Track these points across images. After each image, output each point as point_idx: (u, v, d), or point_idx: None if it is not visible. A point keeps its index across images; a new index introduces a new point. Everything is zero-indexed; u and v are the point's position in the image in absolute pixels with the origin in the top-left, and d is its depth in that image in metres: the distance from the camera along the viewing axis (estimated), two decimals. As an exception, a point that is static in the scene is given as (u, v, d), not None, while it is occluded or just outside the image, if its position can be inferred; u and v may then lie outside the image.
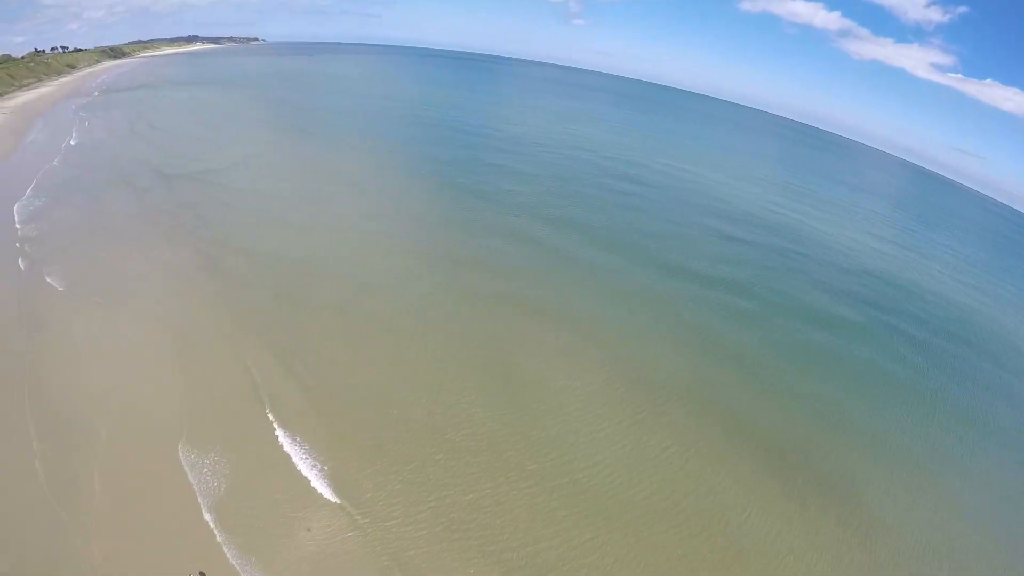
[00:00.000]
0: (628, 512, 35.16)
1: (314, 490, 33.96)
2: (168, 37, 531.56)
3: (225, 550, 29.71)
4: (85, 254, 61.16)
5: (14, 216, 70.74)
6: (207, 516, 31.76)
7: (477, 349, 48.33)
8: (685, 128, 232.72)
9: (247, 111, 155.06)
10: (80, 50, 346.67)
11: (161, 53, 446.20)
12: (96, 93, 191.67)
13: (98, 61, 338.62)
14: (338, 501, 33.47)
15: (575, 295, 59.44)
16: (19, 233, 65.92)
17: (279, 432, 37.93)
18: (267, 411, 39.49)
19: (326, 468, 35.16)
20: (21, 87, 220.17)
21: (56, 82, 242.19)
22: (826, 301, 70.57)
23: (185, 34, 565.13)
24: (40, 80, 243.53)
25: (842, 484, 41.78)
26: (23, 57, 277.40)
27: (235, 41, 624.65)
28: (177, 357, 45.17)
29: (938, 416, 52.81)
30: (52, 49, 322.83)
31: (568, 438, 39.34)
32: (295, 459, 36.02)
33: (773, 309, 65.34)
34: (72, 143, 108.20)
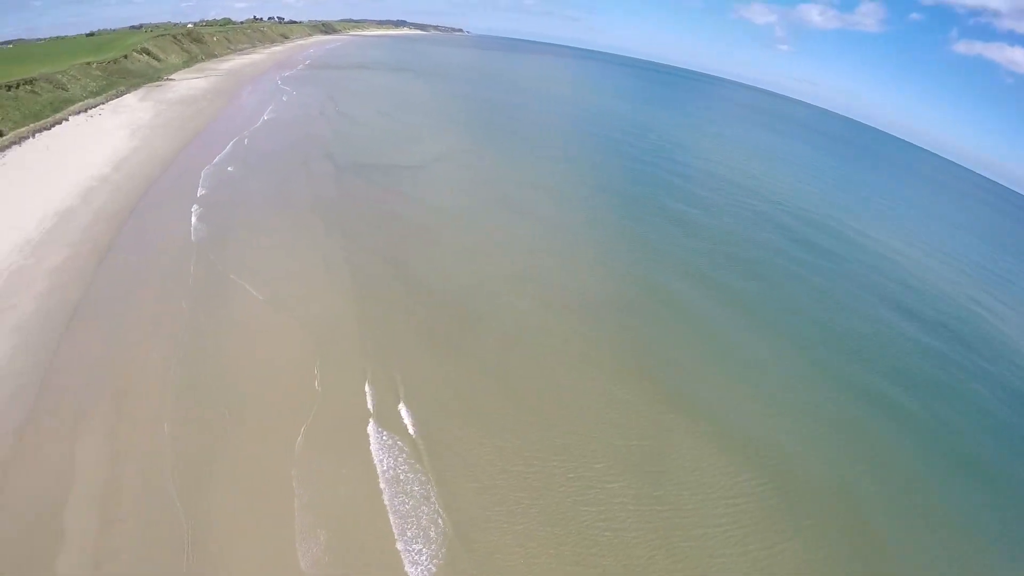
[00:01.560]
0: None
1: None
2: (377, 19, 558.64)
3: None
4: (244, 236, 56.89)
5: (199, 180, 71.12)
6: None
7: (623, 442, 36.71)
8: (882, 183, 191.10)
9: (440, 105, 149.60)
10: (295, 22, 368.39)
11: (369, 33, 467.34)
12: (301, 66, 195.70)
13: (310, 34, 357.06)
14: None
15: (719, 389, 44.43)
16: (197, 196, 66.23)
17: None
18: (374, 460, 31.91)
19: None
20: (236, 51, 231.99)
21: (268, 50, 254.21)
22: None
23: (394, 18, 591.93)
24: (254, 46, 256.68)
25: None
26: (242, 22, 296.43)
27: (440, 30, 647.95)
28: (305, 365, 39.01)
29: None
30: (269, 18, 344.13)
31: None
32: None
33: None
34: (266, 117, 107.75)
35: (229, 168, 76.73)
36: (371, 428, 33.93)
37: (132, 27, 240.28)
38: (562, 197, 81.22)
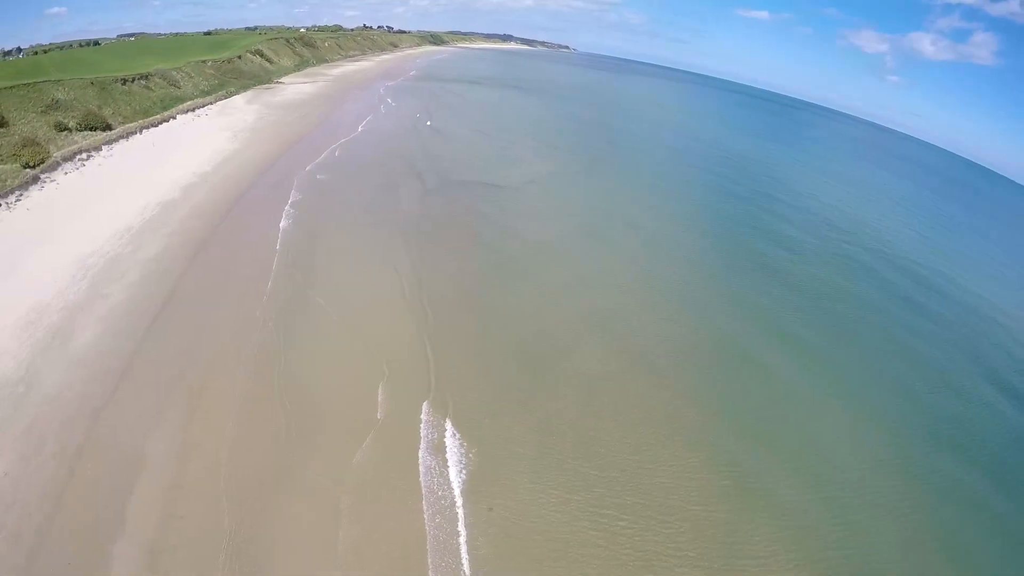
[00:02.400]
0: None
1: None
2: (485, 32, 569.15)
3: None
4: (326, 249, 57.87)
5: (292, 185, 73.38)
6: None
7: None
8: (998, 233, 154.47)
9: (540, 125, 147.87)
10: (404, 31, 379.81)
11: (476, 46, 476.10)
12: (407, 76, 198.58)
13: (418, 44, 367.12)
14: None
15: (795, 475, 39.63)
16: (288, 201, 67.96)
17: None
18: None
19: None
20: (347, 57, 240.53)
21: (377, 58, 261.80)
22: None
23: (501, 32, 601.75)
24: (364, 54, 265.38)
25: None
26: (352, 29, 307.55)
27: (547, 46, 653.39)
28: (369, 390, 38.72)
29: None
30: (379, 27, 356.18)
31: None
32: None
33: None
34: (365, 127, 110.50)
35: (321, 177, 78.96)
36: (427, 461, 33.55)
37: (248, 28, 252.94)
38: (652, 233, 78.45)
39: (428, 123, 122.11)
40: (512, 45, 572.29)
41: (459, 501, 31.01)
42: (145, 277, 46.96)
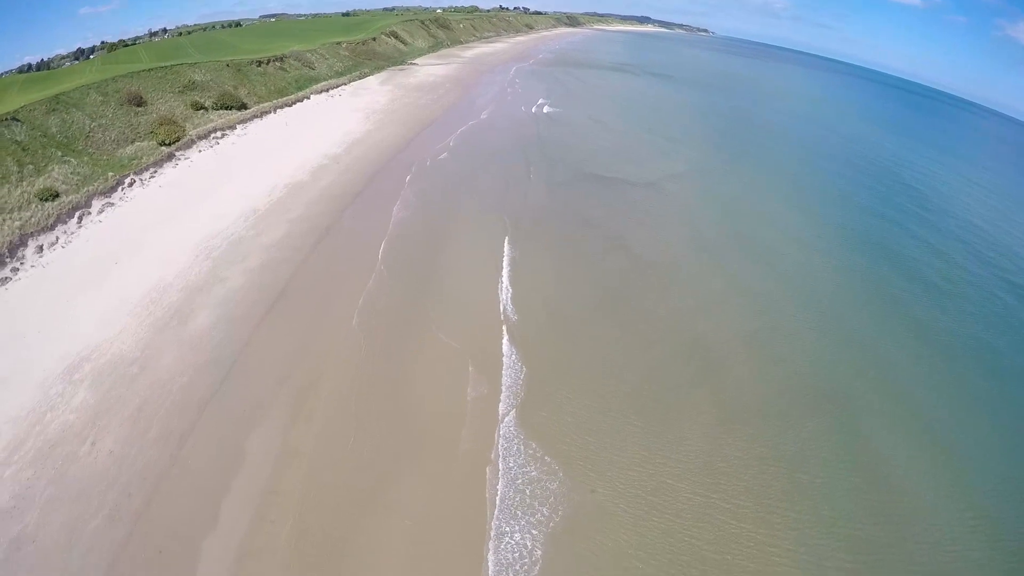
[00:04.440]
0: None
1: None
2: (621, 14, 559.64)
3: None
4: (445, 246, 54.65)
5: (420, 171, 71.89)
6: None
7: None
8: None
9: (680, 115, 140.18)
10: (539, 13, 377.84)
11: (612, 28, 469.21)
12: (540, 59, 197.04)
13: (554, 26, 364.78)
14: None
15: None
16: (414, 188, 66.46)
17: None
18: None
19: None
20: (481, 39, 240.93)
21: (512, 40, 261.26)
22: None
23: (638, 14, 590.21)
24: (499, 35, 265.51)
25: None
26: (488, 10, 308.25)
27: (685, 29, 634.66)
28: (474, 418, 34.97)
29: None
30: (515, 8, 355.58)
31: None
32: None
33: None
34: (495, 111, 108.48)
35: (449, 163, 77.43)
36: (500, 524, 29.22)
37: (385, 8, 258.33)
38: (795, 242, 69.33)
39: (556, 110, 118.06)
40: (649, 28, 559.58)
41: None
42: (265, 264, 46.39)
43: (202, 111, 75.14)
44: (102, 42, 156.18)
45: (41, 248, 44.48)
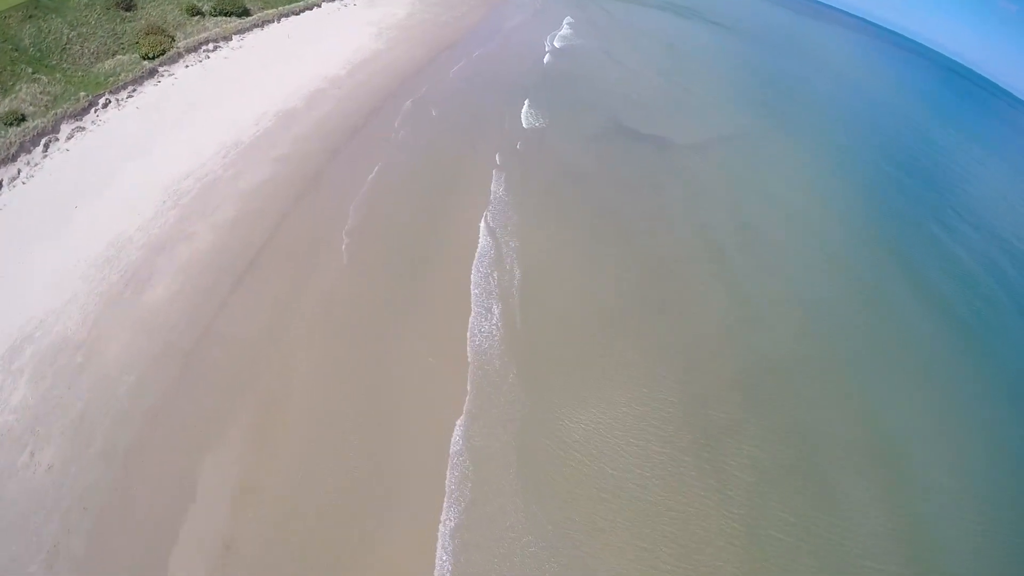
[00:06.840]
0: None
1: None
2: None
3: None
4: (465, 204, 51.41)
5: (432, 108, 66.73)
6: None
7: None
8: None
9: (723, 70, 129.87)
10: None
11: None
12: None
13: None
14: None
15: None
16: (426, 129, 62.49)
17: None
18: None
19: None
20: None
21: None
22: None
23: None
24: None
25: None
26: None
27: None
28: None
29: None
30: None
31: None
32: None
33: None
34: (514, 43, 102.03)
35: (471, 97, 72.34)
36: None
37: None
38: (851, 230, 64.25)
39: (580, 43, 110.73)
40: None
41: None
42: (238, 218, 42.75)
43: (198, 17, 69.47)
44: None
45: (0, 184, 40.80)
